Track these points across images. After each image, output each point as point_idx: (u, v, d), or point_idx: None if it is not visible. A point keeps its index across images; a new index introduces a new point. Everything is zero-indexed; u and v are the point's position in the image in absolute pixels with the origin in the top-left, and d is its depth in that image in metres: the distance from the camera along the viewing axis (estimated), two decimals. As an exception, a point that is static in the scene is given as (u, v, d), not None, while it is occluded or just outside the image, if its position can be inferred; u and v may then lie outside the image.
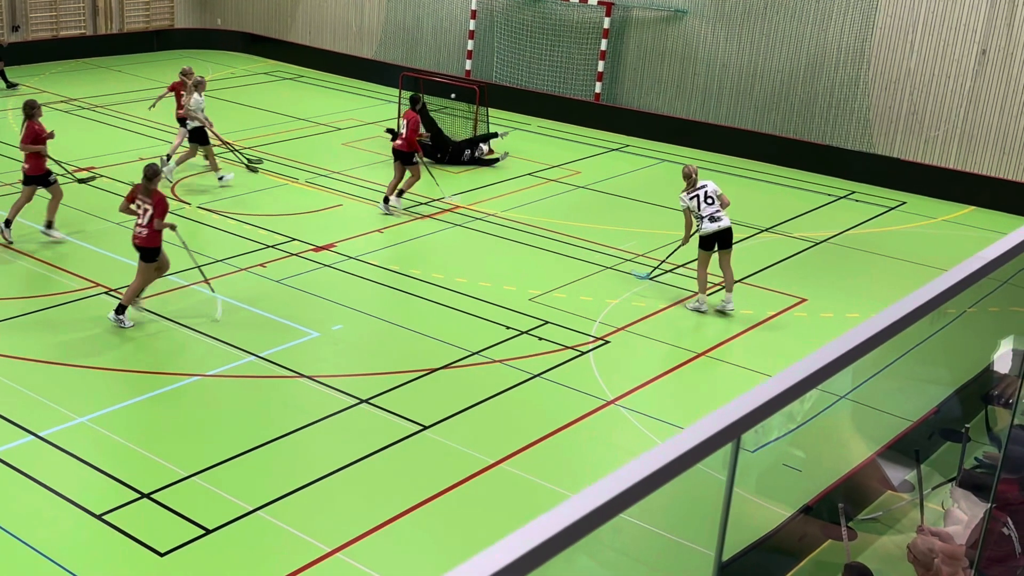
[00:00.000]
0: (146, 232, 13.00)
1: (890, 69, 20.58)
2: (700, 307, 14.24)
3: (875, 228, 18.28)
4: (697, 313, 14.18)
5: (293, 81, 27.02)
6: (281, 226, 16.64)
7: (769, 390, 2.76)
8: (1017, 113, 19.42)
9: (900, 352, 4.58)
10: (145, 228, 13.00)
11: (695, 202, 14.08)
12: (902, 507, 6.88)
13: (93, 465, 10.06)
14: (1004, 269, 4.14)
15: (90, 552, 8.94)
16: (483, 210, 17.91)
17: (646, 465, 2.22)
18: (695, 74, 22.94)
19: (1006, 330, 6.20)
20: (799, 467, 6.67)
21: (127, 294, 13.10)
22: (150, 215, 12.97)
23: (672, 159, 21.75)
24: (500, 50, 25.33)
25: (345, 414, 11.27)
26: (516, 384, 12.09)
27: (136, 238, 13.14)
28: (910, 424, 7.03)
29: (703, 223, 14.03)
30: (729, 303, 14.21)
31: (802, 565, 6.38)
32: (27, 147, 15.32)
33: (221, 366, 12.14)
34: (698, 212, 14.05)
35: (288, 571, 8.72)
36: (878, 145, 20.90)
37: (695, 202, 14.08)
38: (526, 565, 1.95)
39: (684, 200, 14.21)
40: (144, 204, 13.04)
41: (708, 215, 13.99)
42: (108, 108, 23.33)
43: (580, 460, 10.74)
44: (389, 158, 20.35)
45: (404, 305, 14.12)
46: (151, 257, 13.14)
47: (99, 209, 16.87)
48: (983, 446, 6.95)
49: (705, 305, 14.26)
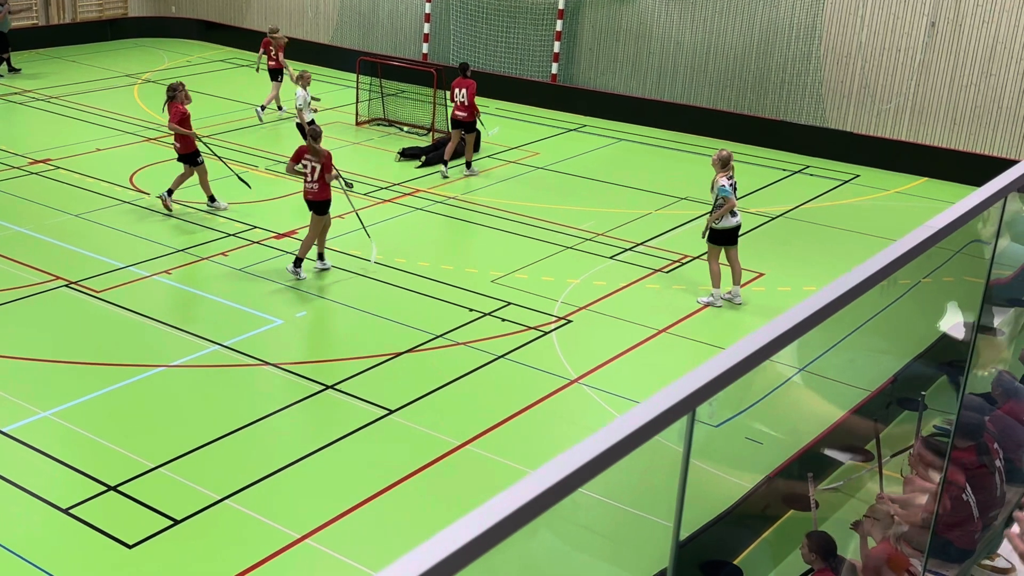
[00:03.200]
0: (316, 187, 14.14)
1: (841, 43, 20.74)
2: (715, 302, 13.85)
3: (829, 202, 18.46)
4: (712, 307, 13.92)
5: (249, 68, 26.85)
6: (242, 214, 16.59)
7: (722, 363, 2.81)
8: (966, 84, 19.64)
9: (858, 323, 4.67)
10: (316, 183, 14.13)
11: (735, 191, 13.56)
12: (862, 476, 7.00)
13: (58, 459, 10.04)
14: (956, 239, 4.23)
15: (58, 547, 8.93)
16: (443, 193, 17.93)
17: (602, 440, 2.28)
18: (650, 53, 23.01)
19: (960, 300, 6.31)
20: (760, 440, 6.78)
21: (303, 247, 14.27)
22: (319, 171, 14.05)
23: (629, 138, 21.84)
24: (457, 33, 25.29)
25: (311, 400, 11.30)
26: (480, 366, 12.16)
27: (308, 194, 14.27)
28: (868, 394, 7.14)
29: (724, 216, 13.59)
30: (738, 296, 13.96)
31: (765, 536, 6.48)
32: (174, 127, 16.12)
33: (185, 356, 12.12)
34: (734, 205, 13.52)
35: (257, 559, 8.76)
36: (831, 119, 21.08)
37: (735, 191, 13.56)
38: (487, 542, 2.00)
39: (726, 186, 13.52)
40: (312, 162, 14.11)
41: (733, 210, 13.64)
42: (63, 99, 23.11)
43: (545, 439, 10.82)
44: (348, 144, 20.33)
45: (367, 290, 14.13)
46: (323, 210, 14.27)
47: (57, 202, 16.75)
48: (941, 414, 7.07)
49: (720, 301, 13.88)
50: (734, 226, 13.70)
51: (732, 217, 13.65)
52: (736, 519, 5.84)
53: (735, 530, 5.96)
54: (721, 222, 13.61)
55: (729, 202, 13.50)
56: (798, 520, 6.34)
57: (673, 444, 2.93)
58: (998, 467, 6.52)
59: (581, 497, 2.31)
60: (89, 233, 15.61)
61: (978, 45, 19.46)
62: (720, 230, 13.66)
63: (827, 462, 6.74)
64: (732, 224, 13.67)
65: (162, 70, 26.38)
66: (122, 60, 26.54)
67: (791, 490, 6.49)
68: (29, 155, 18.92)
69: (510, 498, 2.06)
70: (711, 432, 3.34)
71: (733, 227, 13.69)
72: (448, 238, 16.09)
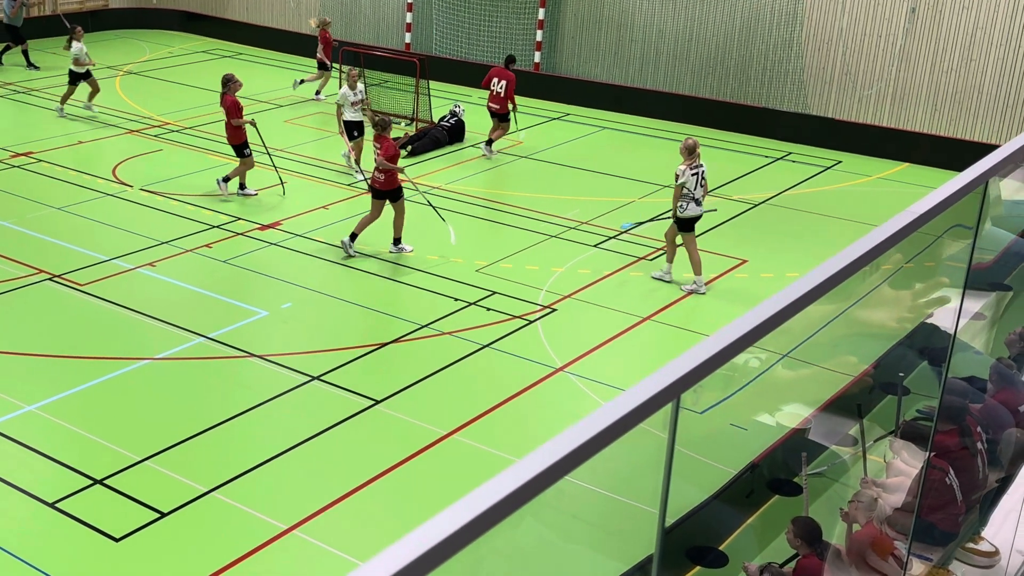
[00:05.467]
0: (383, 177, 14.36)
1: (823, 30, 20.78)
2: (699, 289, 13.90)
3: (812, 188, 18.51)
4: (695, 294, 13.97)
5: (232, 59, 26.74)
6: (226, 206, 16.55)
7: (707, 349, 2.83)
8: (947, 69, 19.71)
9: (841, 309, 4.69)
10: (381, 174, 14.38)
11: (694, 179, 13.70)
12: (846, 461, 7.04)
13: (44, 453, 10.02)
14: (937, 223, 4.25)
15: (45, 541, 8.93)
16: (427, 183, 17.91)
17: (587, 428, 2.29)
18: (632, 41, 23.01)
19: (941, 282, 6.34)
20: (744, 426, 6.81)
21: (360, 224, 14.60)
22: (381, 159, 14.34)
23: (612, 126, 21.85)
24: (439, 22, 25.24)
25: (297, 392, 11.30)
26: (466, 355, 12.17)
27: (375, 182, 14.55)
28: (851, 379, 7.18)
29: (689, 204, 13.71)
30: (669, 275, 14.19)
31: (750, 522, 6.52)
32: (237, 121, 16.53)
33: (170, 349, 12.11)
34: (692, 192, 13.68)
35: (245, 550, 8.77)
36: (813, 106, 21.13)
37: (694, 179, 13.70)
38: (474, 531, 2.01)
39: (685, 174, 13.68)
40: (376, 152, 14.47)
41: (696, 198, 13.74)
42: (44, 91, 22.99)
43: (531, 428, 10.85)
44: (331, 135, 20.29)
45: (352, 281, 14.13)
46: (395, 197, 14.56)
47: (39, 195, 16.68)
48: (924, 398, 7.11)
49: (704, 287, 13.94)
50: (695, 215, 13.83)
51: (696, 206, 13.77)
52: (721, 505, 5.88)
53: (720, 516, 5.99)
54: (687, 210, 13.72)
55: (677, 189, 13.70)
56: (783, 505, 6.38)
57: (658, 431, 2.95)
58: (980, 450, 6.57)
59: (567, 485, 2.33)
60: (72, 226, 15.56)
61: (958, 31, 19.52)
62: (686, 218, 13.80)
63: (811, 447, 6.78)
64: (695, 213, 13.81)
65: (143, 61, 26.26)
66: (103, 52, 26.36)
67: (776, 475, 6.53)
68: (11, 148, 18.83)
69: (496, 487, 2.07)
70: (696, 419, 3.36)
71: (695, 216, 13.83)
72: (432, 228, 16.06)
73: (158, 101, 22.15)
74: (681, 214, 13.77)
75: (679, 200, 13.71)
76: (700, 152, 13.88)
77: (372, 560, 1.86)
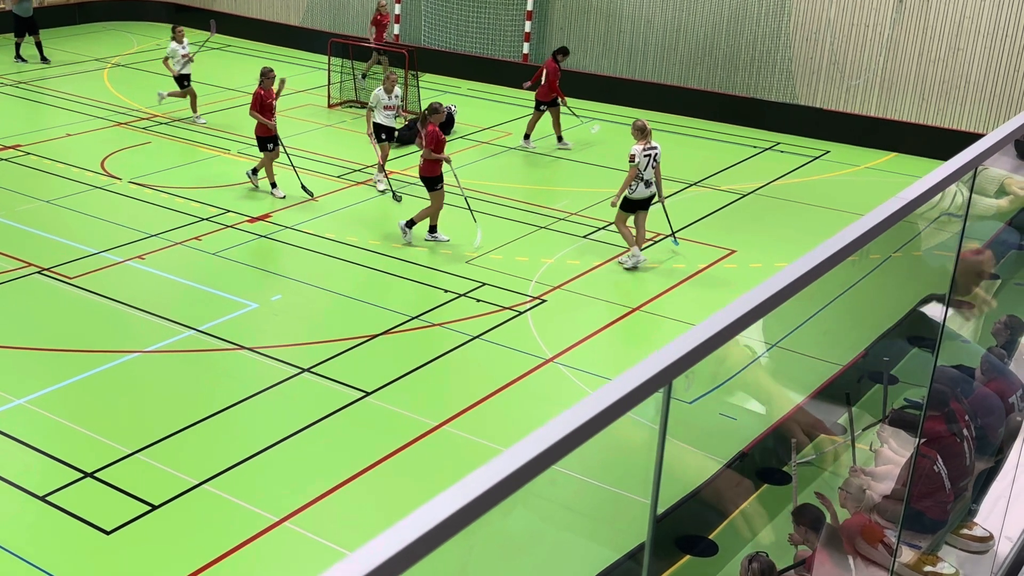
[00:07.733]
0: (422, 162, 14.69)
1: (811, 20, 20.80)
2: (638, 260, 14.27)
3: (800, 178, 18.54)
4: (633, 269, 14.27)
5: (220, 51, 26.66)
6: (215, 198, 16.52)
7: (696, 337, 2.83)
8: (935, 59, 19.74)
9: (829, 298, 4.71)
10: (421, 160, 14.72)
11: (646, 160, 13.92)
12: (835, 449, 7.07)
13: (34, 447, 10.01)
14: (926, 212, 4.26)
15: (36, 534, 8.93)
16: (416, 175, 17.87)
17: (577, 416, 2.30)
18: (620, 32, 23.01)
19: (929, 273, 6.37)
20: (734, 416, 6.84)
21: (419, 214, 14.90)
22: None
23: (600, 117, 21.83)
24: (428, 13, 25.20)
25: (287, 384, 11.29)
26: (456, 346, 12.18)
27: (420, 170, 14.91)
28: (840, 368, 7.20)
29: (638, 186, 14.01)
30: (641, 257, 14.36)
31: (740, 510, 6.54)
32: (254, 114, 16.53)
33: (160, 341, 12.09)
34: (642, 174, 13.94)
35: (236, 543, 8.78)
36: (801, 96, 21.16)
37: (646, 160, 13.92)
38: (464, 519, 2.01)
39: (638, 154, 13.89)
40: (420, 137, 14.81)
41: (645, 180, 14.00)
42: (32, 84, 22.92)
43: (522, 418, 10.86)
44: (321, 126, 20.26)
45: (342, 273, 14.12)
46: (432, 186, 14.71)
47: (28, 188, 16.63)
48: (912, 387, 7.14)
49: (642, 257, 14.30)
50: (643, 197, 14.12)
51: (644, 188, 14.05)
52: (711, 494, 5.90)
53: (709, 504, 6.01)
54: (636, 192, 13.98)
55: (632, 170, 13.89)
56: (772, 494, 6.40)
57: (648, 421, 2.96)
58: (966, 436, 6.59)
59: (558, 475, 2.33)
60: (61, 219, 15.52)
61: (945, 20, 19.56)
62: (633, 199, 14.09)
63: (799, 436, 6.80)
64: (643, 195, 14.11)
65: (132, 54, 26.17)
66: (91, 44, 26.30)
67: (766, 464, 6.55)
68: (-2, 142, 18.76)
69: (486, 474, 2.07)
70: (686, 408, 3.37)
71: (643, 198, 14.13)
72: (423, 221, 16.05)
73: (146, 94, 22.06)
74: (630, 195, 14.04)
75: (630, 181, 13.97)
76: (651, 132, 14.24)
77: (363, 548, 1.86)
